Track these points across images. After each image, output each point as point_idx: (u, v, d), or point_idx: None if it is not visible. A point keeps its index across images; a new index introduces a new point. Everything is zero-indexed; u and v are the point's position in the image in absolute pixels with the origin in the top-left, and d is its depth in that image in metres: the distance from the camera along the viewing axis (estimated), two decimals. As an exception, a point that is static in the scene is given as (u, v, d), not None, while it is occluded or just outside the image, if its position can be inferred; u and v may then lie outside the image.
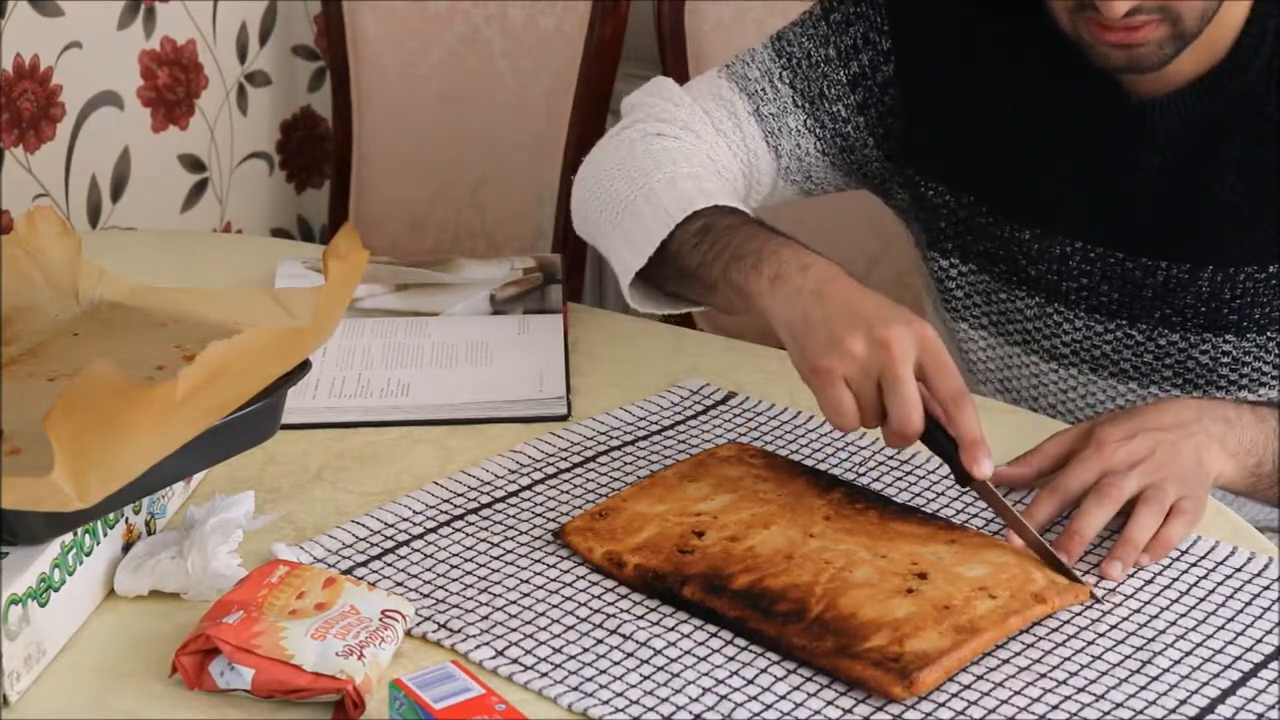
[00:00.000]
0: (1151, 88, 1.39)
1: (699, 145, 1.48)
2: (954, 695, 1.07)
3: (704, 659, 1.10)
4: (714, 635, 1.13)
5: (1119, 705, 1.06)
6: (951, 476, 1.25)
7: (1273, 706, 1.07)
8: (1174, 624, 1.15)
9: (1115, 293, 1.46)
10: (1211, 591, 1.19)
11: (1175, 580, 1.20)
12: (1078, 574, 1.18)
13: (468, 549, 1.23)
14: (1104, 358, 1.50)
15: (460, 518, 1.27)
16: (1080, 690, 1.08)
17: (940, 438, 1.21)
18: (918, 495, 1.29)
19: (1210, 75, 1.39)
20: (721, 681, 1.08)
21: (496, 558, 1.22)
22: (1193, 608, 1.17)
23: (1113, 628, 1.14)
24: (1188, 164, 1.41)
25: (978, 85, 1.48)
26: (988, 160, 1.49)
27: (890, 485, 1.31)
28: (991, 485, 1.22)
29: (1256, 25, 1.38)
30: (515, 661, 1.10)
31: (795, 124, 1.51)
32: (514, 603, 1.16)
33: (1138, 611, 1.16)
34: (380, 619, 1.09)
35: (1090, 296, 1.47)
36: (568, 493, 1.30)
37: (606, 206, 1.44)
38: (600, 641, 1.12)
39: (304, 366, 1.21)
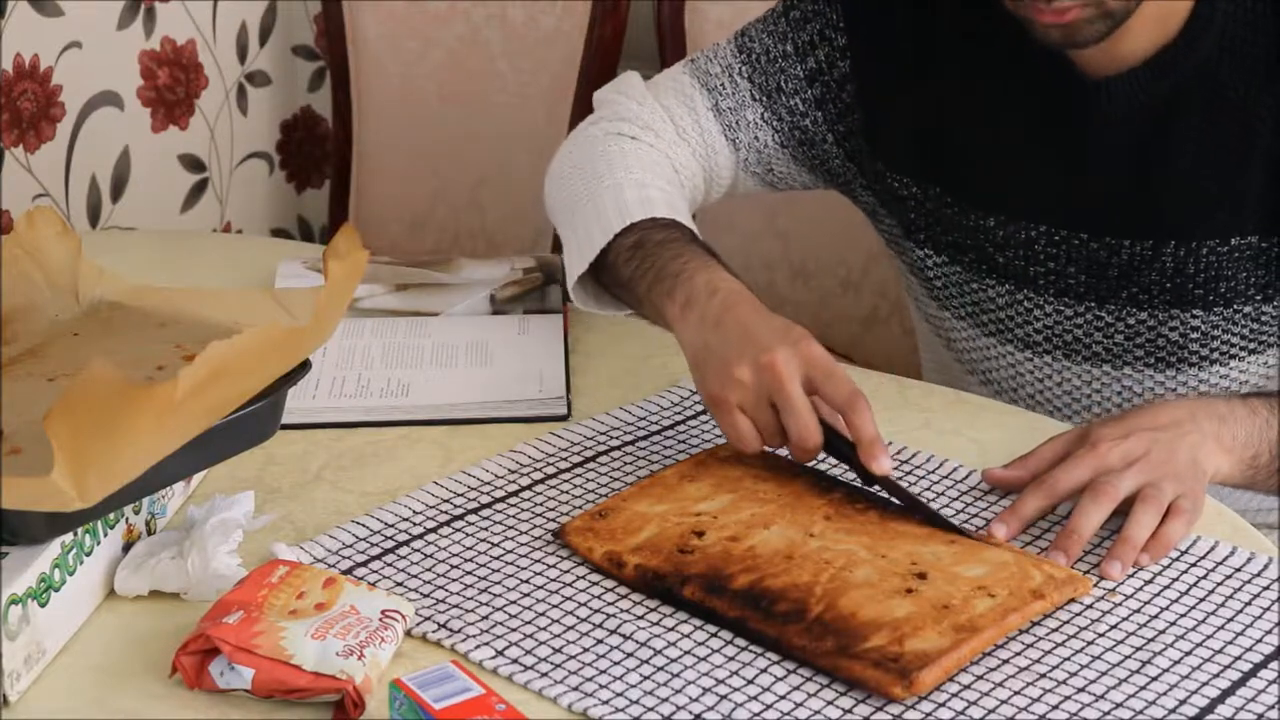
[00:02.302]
0: (1106, 67, 1.41)
1: (657, 144, 1.53)
2: (954, 695, 1.07)
3: (704, 659, 1.10)
4: (714, 635, 1.13)
5: (1119, 705, 1.06)
6: (858, 479, 1.28)
7: (1272, 706, 1.07)
8: (1174, 624, 1.15)
9: (1082, 275, 1.48)
10: (1211, 591, 1.19)
11: (1175, 580, 1.20)
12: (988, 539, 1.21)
13: (468, 549, 1.23)
14: (1076, 342, 1.51)
15: (460, 518, 1.27)
16: (1080, 690, 1.08)
17: (840, 444, 1.26)
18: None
19: (1163, 53, 1.40)
20: (721, 681, 1.08)
21: (496, 558, 1.22)
22: (1193, 608, 1.17)
23: (1112, 628, 1.14)
24: (1145, 142, 1.42)
25: (936, 76, 1.50)
26: (950, 150, 1.50)
27: (890, 485, 1.31)
28: (894, 479, 1.26)
29: (1205, 2, 1.39)
30: (515, 661, 1.10)
31: (753, 117, 1.54)
32: (514, 603, 1.16)
33: (1137, 611, 1.16)
34: (380, 619, 1.09)
35: (1058, 280, 1.49)
36: (568, 493, 1.30)
37: (564, 208, 1.50)
38: (600, 641, 1.12)
39: (304, 366, 1.21)
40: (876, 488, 1.27)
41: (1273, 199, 1.41)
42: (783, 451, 1.30)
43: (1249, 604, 1.17)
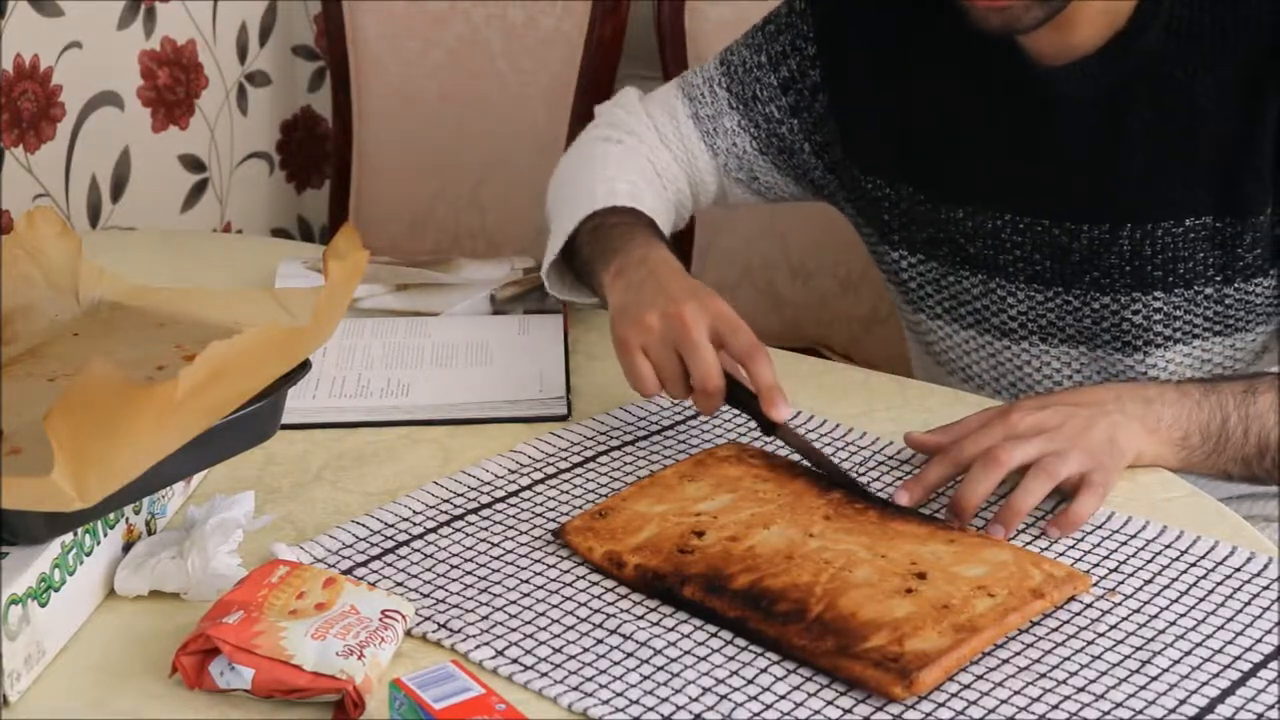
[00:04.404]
0: (1059, 57, 1.45)
1: (639, 147, 1.63)
2: (954, 695, 1.07)
3: (704, 659, 1.10)
4: (714, 635, 1.13)
5: (1119, 705, 1.06)
6: (759, 429, 1.33)
7: (1272, 706, 1.07)
8: (1174, 624, 1.15)
9: (1048, 260, 1.51)
10: (1211, 591, 1.19)
11: (1175, 580, 1.20)
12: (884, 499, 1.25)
13: (468, 549, 1.23)
14: (1050, 325, 1.54)
15: (460, 518, 1.27)
16: (1080, 690, 1.08)
17: (742, 394, 1.32)
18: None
19: (1113, 41, 1.44)
20: (721, 681, 1.08)
21: (496, 558, 1.22)
22: (1192, 607, 1.17)
23: (1112, 628, 1.14)
24: (1099, 128, 1.46)
25: (901, 76, 1.54)
26: (918, 147, 1.55)
27: (890, 486, 1.31)
28: (791, 428, 1.31)
29: None
30: (515, 661, 1.10)
31: (730, 124, 1.62)
32: (514, 603, 1.16)
33: (1137, 611, 1.16)
34: (380, 619, 1.09)
35: (1026, 267, 1.52)
36: (568, 493, 1.30)
37: (551, 208, 1.61)
38: (600, 641, 1.12)
39: (304, 366, 1.21)
40: (775, 440, 1.32)
41: (1222, 180, 1.43)
42: (688, 403, 1.36)
43: (1249, 604, 1.17)
